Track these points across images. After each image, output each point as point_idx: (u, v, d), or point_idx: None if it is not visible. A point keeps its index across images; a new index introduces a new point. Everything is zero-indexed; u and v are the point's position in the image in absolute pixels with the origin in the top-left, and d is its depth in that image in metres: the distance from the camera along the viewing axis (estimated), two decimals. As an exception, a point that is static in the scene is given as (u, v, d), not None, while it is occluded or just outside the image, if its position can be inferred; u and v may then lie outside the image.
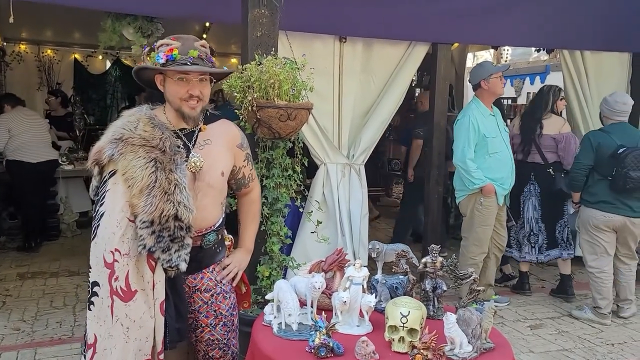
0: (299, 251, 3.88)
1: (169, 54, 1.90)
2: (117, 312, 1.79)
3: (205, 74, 1.97)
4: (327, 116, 4.09)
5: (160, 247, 1.81)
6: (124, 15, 3.69)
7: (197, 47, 1.95)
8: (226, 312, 2.13)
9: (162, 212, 1.79)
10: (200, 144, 2.01)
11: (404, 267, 2.37)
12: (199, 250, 2.02)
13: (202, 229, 2.01)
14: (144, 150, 1.83)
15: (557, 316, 4.30)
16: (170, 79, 1.95)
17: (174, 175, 1.84)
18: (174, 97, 1.96)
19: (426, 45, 4.35)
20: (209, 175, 1.99)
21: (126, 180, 1.81)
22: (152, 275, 1.84)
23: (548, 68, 7.70)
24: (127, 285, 1.79)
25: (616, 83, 5.22)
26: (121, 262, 1.79)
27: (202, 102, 1.98)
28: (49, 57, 8.38)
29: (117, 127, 1.90)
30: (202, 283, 2.07)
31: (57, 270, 5.15)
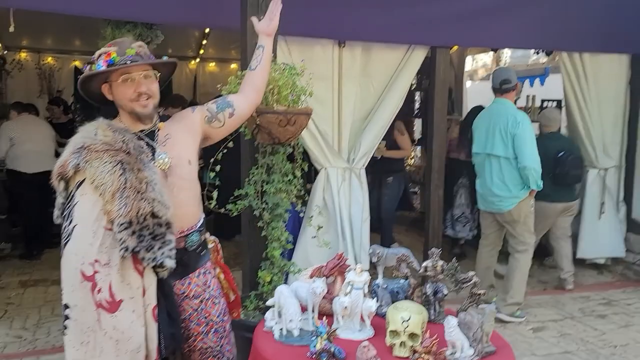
0: (300, 256, 3.88)
1: (108, 59, 1.91)
2: (104, 325, 1.75)
3: (148, 69, 1.98)
4: (327, 121, 4.10)
5: (144, 246, 1.78)
6: (123, 23, 3.70)
7: (134, 47, 1.96)
8: (217, 319, 2.12)
9: (138, 211, 1.77)
10: (162, 140, 2.02)
11: (404, 272, 2.38)
12: (184, 252, 2.01)
13: (184, 228, 2.01)
14: (109, 155, 1.81)
15: (559, 318, 4.29)
16: (115, 83, 1.95)
17: (143, 174, 1.82)
18: (123, 100, 1.96)
19: (425, 49, 4.36)
20: (179, 168, 2.00)
21: (96, 188, 1.78)
22: (142, 280, 1.81)
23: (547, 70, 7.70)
24: (111, 295, 1.74)
25: (615, 84, 5.23)
26: (102, 273, 1.74)
27: (152, 99, 1.99)
28: (49, 64, 8.40)
29: (77, 139, 1.88)
30: (189, 289, 2.06)
31: (59, 278, 5.09)
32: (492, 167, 4.17)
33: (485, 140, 4.21)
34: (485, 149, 4.22)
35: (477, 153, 4.34)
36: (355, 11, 3.92)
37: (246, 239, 3.26)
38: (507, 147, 4.05)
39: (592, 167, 5.24)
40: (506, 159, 4.07)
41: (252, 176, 3.10)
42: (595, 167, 5.23)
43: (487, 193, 4.25)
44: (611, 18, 4.81)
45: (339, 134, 4.17)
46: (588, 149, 5.18)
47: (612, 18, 4.81)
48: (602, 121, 5.20)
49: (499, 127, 4.09)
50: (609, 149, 5.30)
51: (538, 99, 6.45)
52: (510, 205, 4.12)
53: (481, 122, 4.33)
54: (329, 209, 4.09)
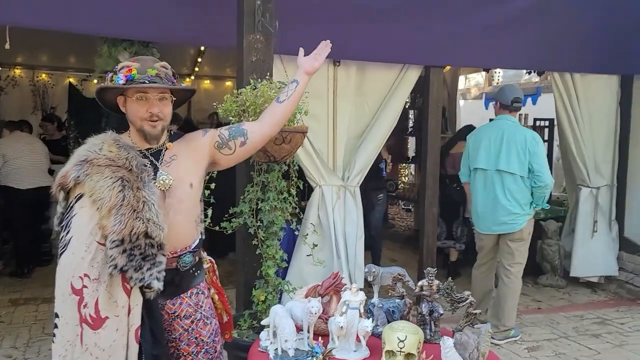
0: (294, 274, 3.86)
1: (128, 74, 1.92)
2: (86, 341, 1.73)
3: (165, 92, 1.98)
4: (322, 139, 4.11)
5: (132, 265, 1.76)
6: (119, 41, 3.72)
7: (156, 67, 1.97)
8: (207, 339, 2.09)
9: (132, 230, 1.76)
10: (167, 161, 2.01)
11: (400, 291, 2.37)
12: (176, 272, 1.99)
13: (177, 249, 1.98)
14: (110, 170, 1.82)
15: (554, 338, 4.28)
16: (130, 99, 1.96)
17: (142, 192, 1.82)
18: (135, 117, 1.97)
19: (419, 68, 4.41)
20: (179, 190, 1.98)
21: (94, 202, 1.78)
22: (128, 299, 1.79)
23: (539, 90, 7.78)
24: (97, 312, 1.73)
25: (606, 105, 5.30)
26: (90, 288, 1.74)
27: (162, 122, 1.98)
28: (43, 81, 8.40)
29: (82, 151, 1.89)
30: (181, 309, 2.03)
31: (50, 296, 5.01)
32: (504, 184, 4.03)
33: (497, 157, 4.06)
34: (497, 166, 4.05)
35: (482, 169, 4.14)
36: (350, 30, 3.96)
37: (240, 257, 3.25)
38: (524, 165, 3.97)
39: (585, 185, 5.28)
40: (520, 177, 4.00)
41: (247, 194, 3.10)
42: (588, 185, 5.27)
43: (496, 212, 4.07)
44: (600, 40, 4.89)
45: (334, 151, 4.18)
46: (580, 168, 5.23)
47: (602, 40, 4.90)
48: (593, 140, 5.25)
49: (515, 144, 4.00)
50: (601, 168, 5.35)
51: (530, 118, 6.51)
52: (522, 223, 4.06)
53: (487, 137, 4.15)
54: (323, 226, 4.09)
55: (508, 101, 4.14)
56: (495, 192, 4.07)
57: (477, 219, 4.27)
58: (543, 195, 4.06)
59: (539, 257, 5.63)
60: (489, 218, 4.14)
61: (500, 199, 4.04)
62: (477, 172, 4.19)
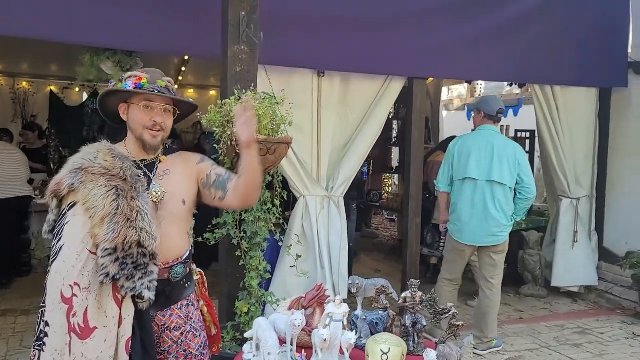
0: (278, 286, 3.85)
1: (138, 82, 1.95)
2: (74, 350, 1.72)
3: (169, 104, 2.02)
4: (306, 149, 4.12)
5: (125, 274, 1.76)
6: (102, 50, 3.70)
7: (165, 80, 2.02)
8: (196, 352, 2.08)
9: (125, 239, 1.76)
10: (160, 174, 2.02)
11: (384, 303, 2.37)
12: (167, 283, 1.99)
13: (169, 260, 1.99)
14: (104, 179, 1.83)
15: (535, 348, 4.31)
16: (135, 106, 1.98)
17: (136, 202, 1.83)
18: (137, 125, 1.98)
19: (402, 80, 4.45)
20: (171, 204, 1.99)
21: (87, 210, 1.78)
22: (119, 310, 1.78)
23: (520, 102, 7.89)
24: (85, 321, 1.72)
25: (585, 117, 5.40)
26: (80, 297, 1.73)
27: (163, 133, 2.01)
28: (24, 89, 8.29)
29: (77, 159, 1.90)
30: (171, 321, 2.03)
31: (29, 308, 4.99)
32: (495, 195, 4.00)
33: (489, 168, 4.00)
34: (489, 176, 4.00)
35: (473, 179, 4.04)
36: (333, 42, 3.99)
37: (224, 269, 3.23)
38: (513, 177, 3.99)
39: (565, 196, 5.36)
40: (509, 188, 4.01)
41: (231, 205, 3.08)
42: (568, 196, 5.35)
43: (486, 224, 4.01)
44: (580, 53, 5.00)
45: (318, 162, 4.19)
46: (561, 179, 5.31)
47: (581, 53, 5.01)
48: (573, 152, 5.34)
49: (506, 155, 4.00)
50: (581, 179, 5.44)
51: (512, 130, 6.59)
52: (507, 235, 4.10)
53: (477, 147, 4.07)
54: (307, 237, 4.08)
55: (494, 112, 4.14)
56: (486, 203, 4.01)
57: (461, 230, 4.12)
58: (527, 207, 4.12)
59: (521, 267, 5.69)
60: (477, 229, 4.05)
61: (491, 210, 4.00)
62: (466, 182, 4.08)
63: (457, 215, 4.14)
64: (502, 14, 4.64)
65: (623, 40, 5.34)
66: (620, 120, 5.47)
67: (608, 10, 5.18)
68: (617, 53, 5.26)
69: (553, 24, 4.85)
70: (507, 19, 4.64)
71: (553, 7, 4.86)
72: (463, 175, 4.09)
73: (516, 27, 4.68)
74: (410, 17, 4.27)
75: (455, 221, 4.16)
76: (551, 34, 4.85)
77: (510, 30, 4.66)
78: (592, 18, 5.05)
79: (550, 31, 4.84)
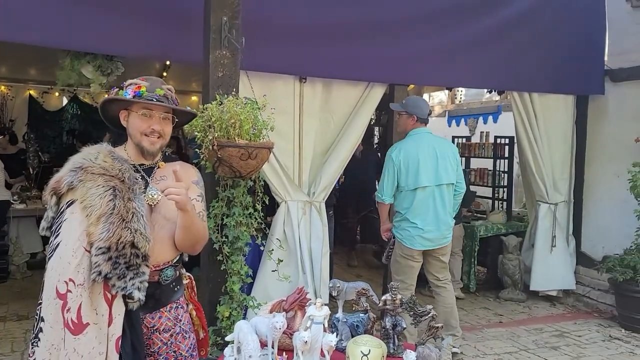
0: (259, 290, 3.85)
1: (137, 91, 1.99)
2: (67, 346, 1.75)
3: (168, 112, 2.05)
4: (288, 155, 4.13)
5: (116, 273, 1.79)
6: (83, 54, 3.69)
7: (164, 88, 2.05)
8: (186, 353, 2.10)
9: (119, 239, 1.80)
10: (157, 179, 2.05)
11: (364, 305, 2.39)
12: (157, 286, 2.01)
13: (160, 263, 2.01)
14: (103, 179, 1.86)
15: (514, 351, 4.37)
16: (134, 114, 2.02)
17: (132, 203, 1.86)
18: (135, 131, 2.02)
19: (383, 86, 4.50)
20: (165, 209, 2.01)
21: (84, 209, 1.82)
22: (109, 308, 1.80)
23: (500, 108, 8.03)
24: (78, 317, 1.75)
25: (563, 123, 5.51)
26: (75, 293, 1.76)
27: (162, 139, 2.04)
28: (2, 93, 8.17)
29: (77, 158, 1.94)
30: (160, 323, 2.04)
31: (5, 315, 4.91)
32: (443, 196, 3.99)
33: (436, 172, 3.96)
34: (437, 181, 3.97)
35: (425, 186, 3.95)
36: (315, 48, 4.02)
37: (205, 273, 3.23)
38: (453, 175, 4.05)
39: (543, 201, 5.45)
40: (453, 186, 4.07)
41: (212, 209, 3.08)
42: (546, 202, 5.44)
43: (440, 228, 3.98)
44: (557, 61, 5.11)
45: (300, 167, 4.21)
46: (539, 184, 5.40)
47: (558, 61, 5.11)
48: (551, 158, 5.44)
49: (447, 155, 4.02)
50: (559, 185, 5.53)
51: (491, 136, 6.69)
52: (451, 234, 4.16)
53: (422, 154, 3.96)
54: (289, 242, 4.09)
55: (425, 115, 4.09)
56: (436, 208, 3.98)
57: (415, 236, 3.98)
58: (460, 203, 4.20)
59: (500, 271, 5.76)
60: (431, 234, 3.98)
61: (440, 214, 3.99)
62: (417, 191, 3.95)
63: (408, 222, 4.00)
64: (481, 23, 4.72)
65: (600, 49, 5.47)
66: (597, 126, 5.58)
67: (585, 19, 5.30)
68: (594, 61, 5.38)
69: (531, 33, 4.95)
70: (486, 28, 4.73)
71: (532, 16, 4.96)
72: (414, 185, 3.95)
73: (496, 35, 4.77)
74: (391, 24, 4.32)
75: (407, 227, 4.00)
76: (530, 42, 4.95)
77: (489, 38, 4.74)
78: (570, 27, 5.16)
79: (528, 39, 4.94)
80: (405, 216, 4.02)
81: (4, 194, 5.71)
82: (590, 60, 5.34)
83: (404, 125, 4.15)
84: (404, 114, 4.12)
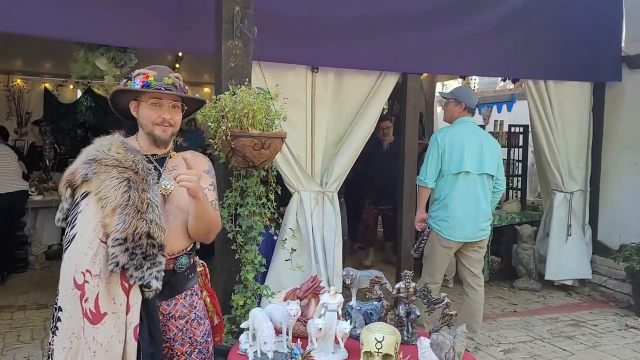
0: (273, 279, 3.87)
1: (145, 80, 2.00)
2: (86, 335, 1.79)
3: (177, 100, 2.06)
4: (300, 145, 4.14)
5: (134, 264, 1.82)
6: (96, 46, 3.70)
7: (171, 77, 2.05)
8: (201, 339, 2.12)
9: (135, 230, 1.82)
10: (169, 169, 2.07)
11: (377, 293, 2.40)
12: (173, 274, 2.03)
13: (174, 251, 2.03)
14: (117, 171, 1.88)
15: (529, 340, 4.35)
16: (144, 104, 2.03)
17: (146, 194, 1.89)
18: (146, 121, 2.03)
19: (396, 75, 4.47)
20: (178, 199, 2.03)
21: (99, 200, 1.85)
22: (126, 298, 1.83)
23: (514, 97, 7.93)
24: (96, 307, 1.79)
25: (578, 111, 5.44)
26: (92, 284, 1.79)
27: (172, 128, 2.06)
28: (18, 86, 8.28)
29: (90, 150, 1.96)
30: (175, 310, 2.07)
31: (25, 304, 5.01)
32: (485, 187, 3.93)
33: (480, 160, 3.90)
34: (481, 169, 3.90)
35: (466, 173, 3.88)
36: (328, 38, 4.00)
37: (219, 262, 3.25)
38: (494, 168, 3.96)
39: (559, 190, 5.40)
40: (494, 179, 3.99)
41: (226, 199, 3.10)
42: (562, 190, 5.39)
43: (478, 218, 3.91)
44: (573, 48, 5.03)
45: (312, 157, 4.21)
46: (554, 173, 5.35)
47: (574, 48, 5.04)
48: (567, 146, 5.38)
49: (491, 148, 3.97)
50: (574, 173, 5.48)
51: (505, 125, 6.63)
52: (489, 227, 4.07)
53: (467, 140, 3.92)
54: (302, 232, 4.11)
55: (473, 105, 4.07)
56: (479, 197, 3.90)
57: (454, 226, 3.90)
58: (497, 202, 4.17)
59: (514, 261, 5.73)
60: (470, 225, 3.90)
61: (482, 204, 3.91)
62: (460, 176, 3.89)
63: (448, 211, 3.92)
64: (496, 10, 4.66)
65: (617, 35, 5.38)
66: (614, 114, 5.51)
67: (602, 5, 5.22)
68: (610, 47, 5.30)
69: (546, 19, 4.88)
70: (501, 15, 4.67)
71: (547, 2, 4.89)
72: (458, 169, 3.87)
73: (510, 22, 4.71)
74: (404, 13, 4.29)
75: (445, 218, 3.93)
76: (545, 29, 4.88)
77: (504, 25, 4.69)
78: (586, 13, 5.08)
79: (544, 26, 4.87)
80: (444, 203, 3.94)
81: (23, 184, 5.80)
82: (607, 46, 5.26)
83: (450, 113, 4.12)
84: (452, 102, 4.09)
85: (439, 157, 3.94)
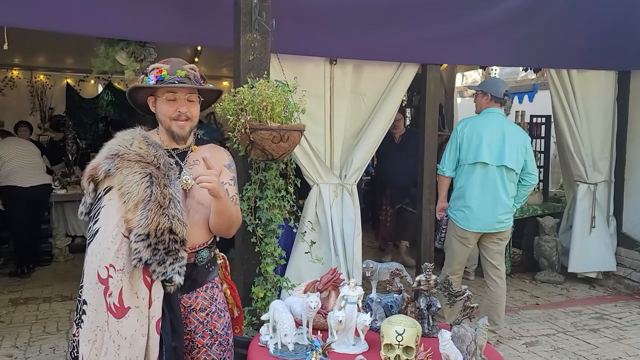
0: (293, 272, 3.88)
1: (158, 75, 2.00)
2: (110, 328, 1.82)
3: (193, 93, 2.05)
4: (319, 137, 4.13)
5: (156, 259, 1.84)
6: (116, 41, 3.74)
7: (185, 69, 2.04)
8: (221, 331, 2.14)
9: (157, 225, 1.84)
10: (190, 163, 2.07)
11: (398, 286, 2.39)
12: (193, 267, 2.04)
13: (196, 245, 2.04)
14: (139, 166, 1.90)
15: (552, 333, 4.30)
16: (160, 99, 2.04)
17: (168, 190, 1.90)
18: (164, 117, 2.03)
19: (415, 66, 4.42)
20: (199, 193, 2.03)
21: (122, 195, 1.86)
22: (149, 292, 1.86)
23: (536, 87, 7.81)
24: (120, 301, 1.81)
25: (603, 101, 5.33)
26: (115, 278, 1.81)
27: (190, 122, 2.05)
28: (41, 82, 8.42)
29: (113, 145, 1.97)
30: (196, 302, 2.08)
31: (50, 296, 5.11)
32: (504, 179, 3.88)
33: (501, 152, 3.86)
34: (500, 161, 3.85)
35: (484, 164, 3.87)
36: (346, 30, 3.97)
37: (239, 255, 3.27)
38: (520, 163, 3.89)
39: (582, 182, 5.31)
40: (516, 174, 3.92)
41: (245, 192, 3.11)
42: (585, 182, 5.30)
43: (495, 210, 3.88)
44: (596, 36, 4.91)
45: (331, 150, 4.20)
46: (578, 164, 5.25)
47: (597, 36, 4.91)
48: (590, 137, 5.28)
49: (516, 140, 3.90)
50: (599, 164, 5.37)
51: (527, 115, 6.53)
52: (512, 220, 4.03)
53: (488, 131, 3.90)
54: (321, 224, 4.10)
55: (500, 94, 3.98)
56: (497, 189, 3.87)
57: (470, 217, 3.92)
58: (527, 195, 4.08)
59: (537, 253, 5.66)
60: (486, 216, 3.90)
61: (501, 196, 3.88)
62: (477, 166, 3.89)
63: (464, 201, 3.94)
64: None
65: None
66: (639, 103, 5.38)
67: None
68: (635, 35, 5.16)
69: (568, 6, 4.77)
70: (522, 2, 4.58)
71: (569, -11, 4.79)
72: (474, 159, 3.88)
73: (531, 10, 4.61)
74: (423, 3, 4.24)
75: (461, 208, 3.95)
76: (567, 16, 4.77)
77: (525, 13, 4.59)
78: (609, 0, 4.97)
79: (565, 14, 4.76)
80: (460, 192, 3.96)
81: (46, 178, 5.91)
82: (632, 34, 5.12)
83: (479, 105, 4.11)
84: (479, 93, 4.09)
85: (457, 146, 3.98)
